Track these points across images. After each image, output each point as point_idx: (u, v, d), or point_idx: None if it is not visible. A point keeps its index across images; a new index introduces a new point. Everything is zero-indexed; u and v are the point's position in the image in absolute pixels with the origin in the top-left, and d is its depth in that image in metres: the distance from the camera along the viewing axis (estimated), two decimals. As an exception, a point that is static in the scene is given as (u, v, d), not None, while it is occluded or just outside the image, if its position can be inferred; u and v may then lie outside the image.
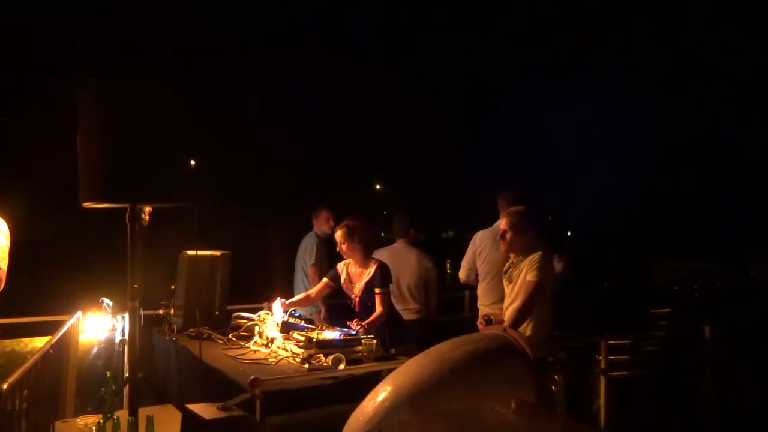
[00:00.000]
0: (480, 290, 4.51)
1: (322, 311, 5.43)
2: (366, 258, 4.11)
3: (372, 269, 4.05)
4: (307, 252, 5.67)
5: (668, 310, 5.22)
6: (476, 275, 4.58)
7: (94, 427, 2.56)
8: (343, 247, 4.09)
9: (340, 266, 4.24)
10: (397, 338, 3.99)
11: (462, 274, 4.73)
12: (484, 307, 4.37)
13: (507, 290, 3.64)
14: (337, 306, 5.41)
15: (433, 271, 5.11)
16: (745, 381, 4.98)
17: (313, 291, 4.35)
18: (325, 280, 4.26)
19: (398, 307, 4.62)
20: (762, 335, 5.03)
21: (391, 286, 4.14)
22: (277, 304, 3.92)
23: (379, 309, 3.93)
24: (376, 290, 3.96)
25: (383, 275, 4.01)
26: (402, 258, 4.96)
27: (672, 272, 6.70)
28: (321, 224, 5.71)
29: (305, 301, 4.35)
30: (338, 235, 4.11)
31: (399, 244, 5.15)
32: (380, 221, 4.48)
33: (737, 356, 4.98)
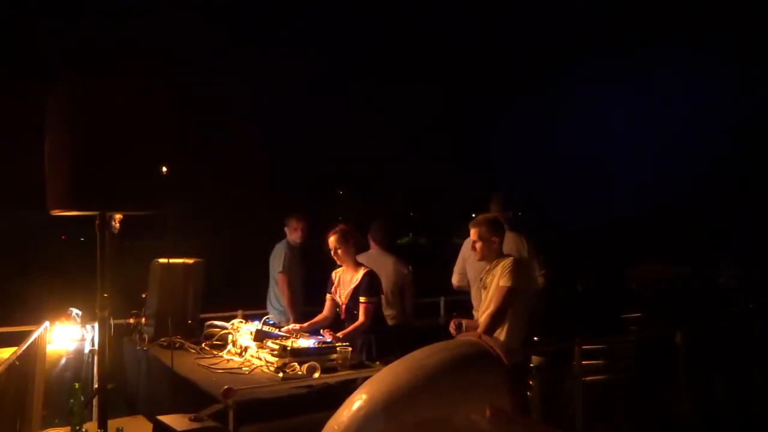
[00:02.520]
0: (472, 295, 4.57)
1: (291, 320, 5.40)
2: (356, 264, 4.11)
3: (359, 276, 4.04)
4: (276, 259, 5.65)
5: (639, 314, 5.28)
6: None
7: (61, 441, 2.50)
8: (339, 251, 4.08)
9: (334, 274, 4.24)
10: (383, 349, 3.93)
11: (454, 280, 4.81)
12: (475, 312, 4.40)
13: (482, 296, 3.66)
14: (307, 314, 5.39)
15: (409, 277, 5.11)
16: (719, 384, 5.06)
17: (324, 310, 4.25)
18: (328, 295, 4.24)
19: None
20: (734, 338, 5.12)
21: (380, 296, 4.14)
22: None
23: (360, 319, 3.92)
24: (361, 299, 3.95)
25: (370, 283, 4.00)
26: (378, 264, 4.95)
27: (646, 275, 6.79)
28: (291, 232, 5.70)
29: (322, 322, 4.18)
30: (332, 240, 4.10)
31: (375, 251, 5.14)
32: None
33: (710, 359, 5.05)
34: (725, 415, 4.94)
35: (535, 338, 4.09)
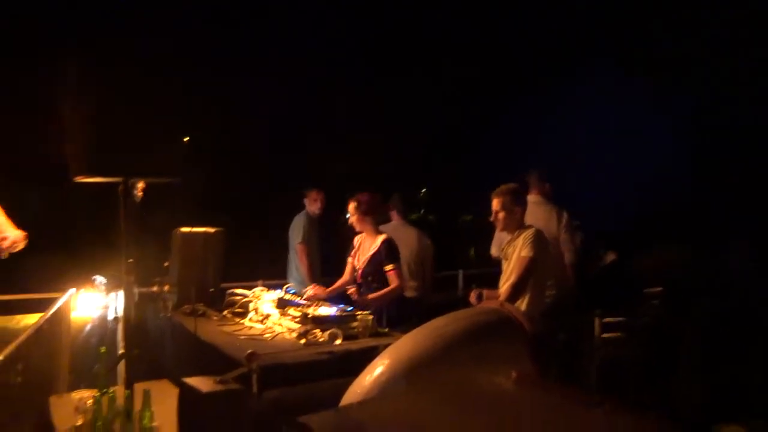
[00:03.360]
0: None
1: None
2: (375, 231, 4.19)
3: (378, 243, 4.11)
4: (295, 230, 5.69)
5: (660, 289, 5.25)
6: None
7: (89, 401, 2.55)
8: (353, 218, 4.20)
9: (356, 240, 4.33)
10: (398, 318, 3.98)
11: (493, 250, 4.81)
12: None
13: (504, 267, 3.66)
14: (325, 284, 5.42)
15: (430, 249, 5.12)
16: (732, 364, 5.03)
17: (345, 274, 4.37)
18: (349, 259, 4.33)
19: None
20: (747, 320, 5.07)
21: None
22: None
23: (394, 283, 4.01)
24: (387, 267, 4.02)
25: (390, 250, 4.08)
26: (401, 235, 4.97)
27: (663, 255, 6.73)
28: (310, 203, 5.74)
29: (343, 286, 4.30)
30: (350, 207, 4.22)
31: (397, 222, 5.15)
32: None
33: (725, 340, 5.02)
34: (738, 395, 4.91)
35: (562, 310, 4.09)
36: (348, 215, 4.25)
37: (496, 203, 3.66)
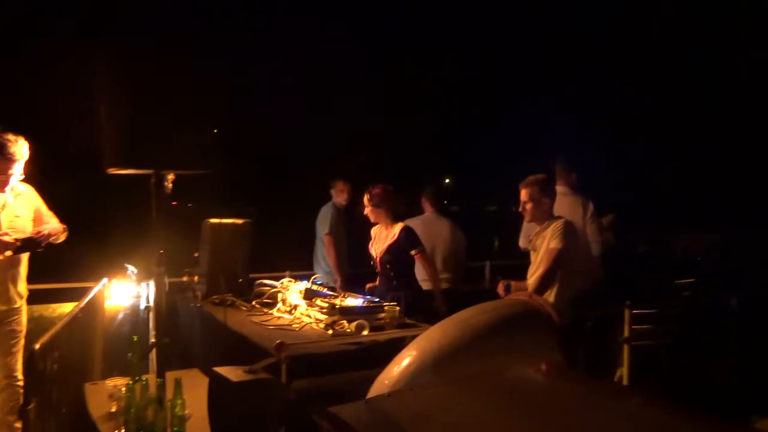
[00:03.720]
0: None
1: (338, 281, 5.47)
2: (390, 221, 4.23)
3: (396, 231, 4.16)
4: (322, 221, 5.71)
5: (693, 280, 5.16)
6: None
7: (123, 389, 2.61)
8: (367, 210, 4.27)
9: (373, 231, 4.37)
10: (412, 307, 3.94)
11: (521, 242, 4.75)
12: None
13: (532, 258, 3.63)
14: (353, 276, 5.45)
15: (463, 241, 5.12)
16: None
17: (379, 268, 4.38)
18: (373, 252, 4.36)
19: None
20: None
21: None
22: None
23: (428, 270, 4.20)
24: (413, 252, 4.12)
25: (409, 237, 4.14)
26: (435, 227, 4.98)
27: (694, 242, 6.62)
28: (337, 194, 5.76)
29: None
30: (364, 199, 4.30)
31: (431, 214, 5.15)
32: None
33: (762, 328, 4.91)
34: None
35: (591, 302, 4.03)
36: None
37: (524, 194, 3.62)
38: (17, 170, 3.46)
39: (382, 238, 4.26)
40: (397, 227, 4.19)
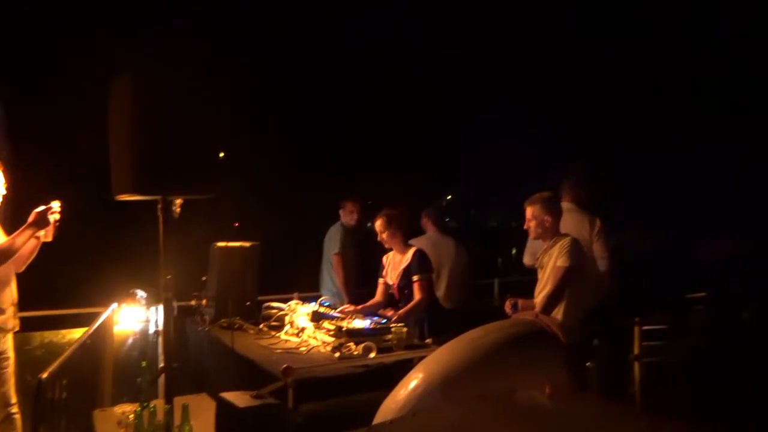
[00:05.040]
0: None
1: (346, 301, 5.47)
2: (405, 245, 4.18)
3: (409, 255, 4.11)
4: (331, 241, 5.72)
5: (704, 294, 5.12)
6: None
7: (131, 416, 2.61)
8: (384, 235, 4.18)
9: (385, 258, 4.32)
10: (437, 328, 3.95)
11: (526, 259, 4.73)
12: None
13: (539, 276, 3.61)
14: (361, 296, 5.44)
15: (466, 259, 5.11)
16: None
17: (376, 295, 4.34)
18: (380, 279, 4.33)
19: (438, 294, 4.63)
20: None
21: (432, 274, 4.19)
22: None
23: (417, 296, 3.99)
24: (414, 277, 4.01)
25: (420, 262, 4.06)
26: (439, 246, 4.97)
27: (708, 253, 6.58)
28: (346, 215, 5.76)
29: (375, 306, 4.27)
30: (378, 224, 4.20)
31: (434, 234, 5.14)
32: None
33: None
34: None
35: (601, 319, 4.00)
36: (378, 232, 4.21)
37: (529, 212, 3.62)
38: None
39: (396, 263, 4.20)
40: (410, 251, 4.13)
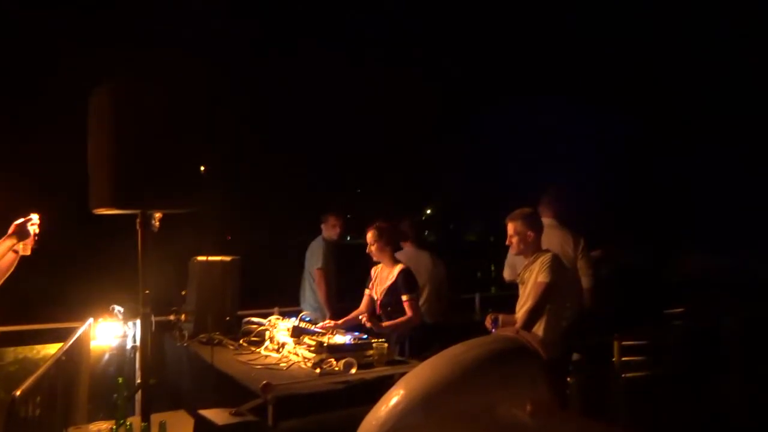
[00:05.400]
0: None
1: (328, 316, 5.43)
2: (393, 261, 4.16)
3: (395, 273, 4.09)
4: (314, 256, 5.69)
5: (683, 309, 5.17)
6: None
7: (106, 434, 2.56)
8: (373, 248, 4.15)
9: (373, 271, 4.30)
10: (418, 346, 3.95)
11: (506, 273, 4.73)
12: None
13: (520, 292, 3.63)
14: (342, 310, 5.41)
15: (444, 272, 5.10)
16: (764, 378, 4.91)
17: (361, 305, 4.32)
18: (366, 291, 4.31)
19: None
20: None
21: (419, 292, 4.20)
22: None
23: (408, 314, 3.97)
24: (404, 297, 3.99)
25: (407, 280, 4.04)
26: (416, 261, 4.95)
27: (688, 267, 6.65)
28: (328, 229, 5.73)
29: (357, 318, 4.21)
30: (369, 236, 4.17)
31: (410, 248, 5.12)
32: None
33: (756, 353, 4.91)
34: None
35: (581, 335, 4.03)
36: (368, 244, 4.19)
37: (511, 227, 3.64)
38: None
39: (382, 278, 4.18)
40: (397, 269, 4.10)
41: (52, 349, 4.18)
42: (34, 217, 3.33)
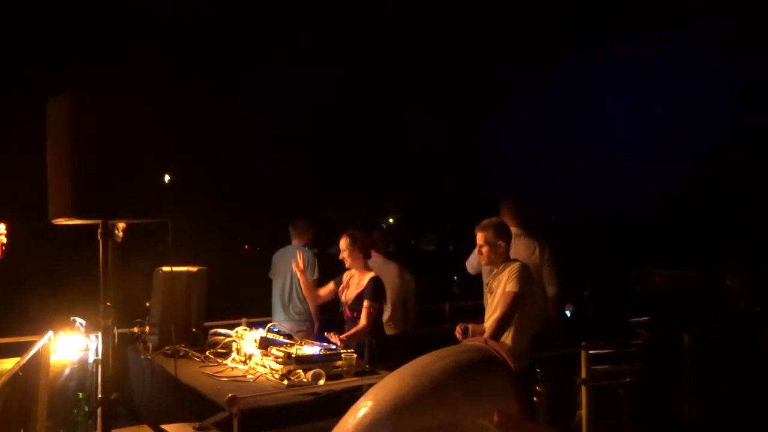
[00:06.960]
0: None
1: (315, 325, 5.36)
2: (365, 268, 4.17)
3: (365, 281, 4.10)
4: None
5: (647, 318, 5.24)
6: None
7: (65, 451, 2.47)
8: (345, 254, 4.16)
9: (346, 275, 4.29)
10: (378, 356, 3.95)
11: (469, 268, 4.74)
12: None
13: (488, 301, 3.64)
14: (331, 320, 5.34)
15: (412, 284, 5.08)
16: (726, 388, 5.01)
17: (323, 289, 4.44)
18: (331, 285, 4.34)
19: (383, 319, 4.59)
20: (740, 342, 5.07)
21: (384, 303, 4.22)
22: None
23: (362, 322, 3.96)
24: (365, 303, 3.99)
25: (375, 289, 4.05)
26: (383, 272, 4.91)
27: (651, 279, 6.76)
28: (299, 236, 5.60)
29: (316, 297, 4.52)
30: (342, 242, 4.17)
31: (378, 259, 5.08)
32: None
33: (718, 363, 5.01)
34: (733, 419, 4.89)
35: (547, 344, 4.06)
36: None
37: (481, 237, 3.66)
38: None
39: (354, 284, 4.20)
40: (367, 277, 4.12)
41: (8, 365, 4.03)
42: (0, 227, 3.24)
